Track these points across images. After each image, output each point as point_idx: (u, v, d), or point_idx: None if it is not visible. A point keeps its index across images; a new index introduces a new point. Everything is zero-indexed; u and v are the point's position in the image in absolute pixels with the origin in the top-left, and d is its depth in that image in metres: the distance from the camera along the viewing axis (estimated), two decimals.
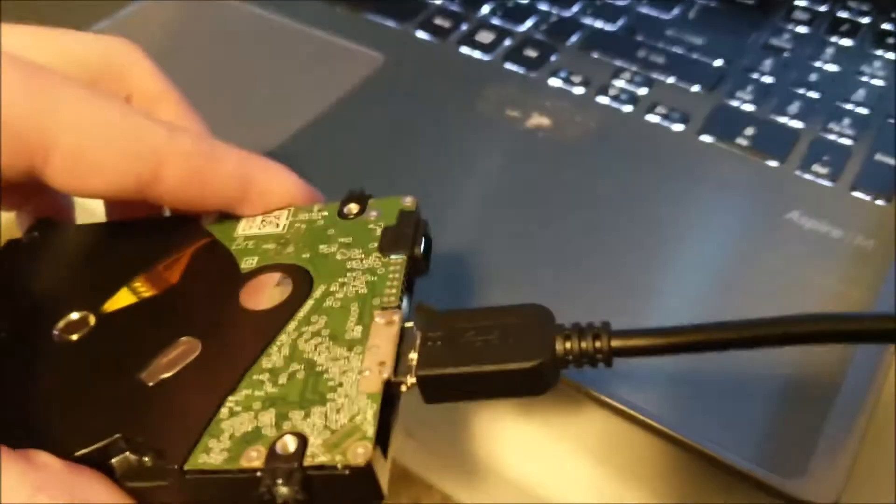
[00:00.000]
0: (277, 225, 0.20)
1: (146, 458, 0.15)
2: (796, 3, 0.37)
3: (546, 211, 0.27)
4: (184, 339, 0.17)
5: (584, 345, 0.16)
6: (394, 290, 0.17)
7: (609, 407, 0.22)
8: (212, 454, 0.15)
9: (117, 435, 0.15)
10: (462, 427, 0.24)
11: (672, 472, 0.22)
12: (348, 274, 0.18)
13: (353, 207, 0.19)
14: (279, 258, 0.19)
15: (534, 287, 0.25)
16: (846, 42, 0.35)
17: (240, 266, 0.19)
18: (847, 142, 0.30)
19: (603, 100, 0.32)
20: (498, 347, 0.16)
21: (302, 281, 0.18)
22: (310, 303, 0.17)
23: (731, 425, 0.22)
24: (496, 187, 0.28)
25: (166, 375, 0.16)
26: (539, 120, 0.31)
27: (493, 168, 0.29)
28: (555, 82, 0.32)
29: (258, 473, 0.14)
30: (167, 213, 0.21)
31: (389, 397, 0.16)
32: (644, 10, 0.37)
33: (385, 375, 0.16)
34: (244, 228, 0.20)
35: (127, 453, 0.15)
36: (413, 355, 0.16)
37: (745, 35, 0.35)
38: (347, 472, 0.14)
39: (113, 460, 0.15)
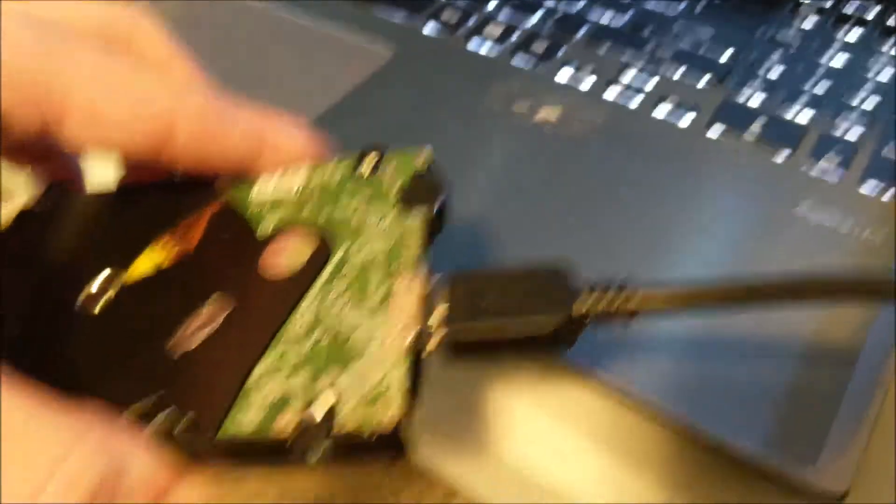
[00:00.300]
0: (293, 185, 0.19)
1: (178, 428, 0.15)
2: None
3: (553, 206, 0.27)
4: (206, 308, 0.17)
5: (605, 303, 0.16)
6: (414, 251, 0.17)
7: (619, 397, 0.22)
8: (244, 422, 0.15)
9: (153, 397, 0.16)
10: (469, 414, 0.24)
11: (682, 461, 0.22)
12: (366, 236, 0.18)
13: (368, 165, 0.19)
14: (296, 220, 0.19)
15: None
16: (853, 36, 0.35)
17: (257, 230, 0.19)
18: (854, 136, 0.30)
19: (610, 94, 0.32)
20: (519, 306, 0.16)
21: (321, 244, 0.18)
22: (330, 267, 0.17)
23: (742, 415, 0.22)
24: (504, 182, 0.29)
25: (192, 345, 0.17)
26: (547, 114, 0.31)
27: (501, 163, 0.29)
28: (562, 77, 0.32)
29: (288, 443, 0.15)
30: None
31: (414, 358, 0.16)
32: (651, 4, 0.37)
33: (409, 337, 0.16)
34: (260, 189, 0.19)
35: (162, 415, 0.16)
36: (436, 316, 0.16)
37: (752, 29, 0.35)
38: (374, 438, 0.15)
39: (149, 423, 0.16)
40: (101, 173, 0.22)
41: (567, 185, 0.28)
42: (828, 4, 0.36)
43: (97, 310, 0.18)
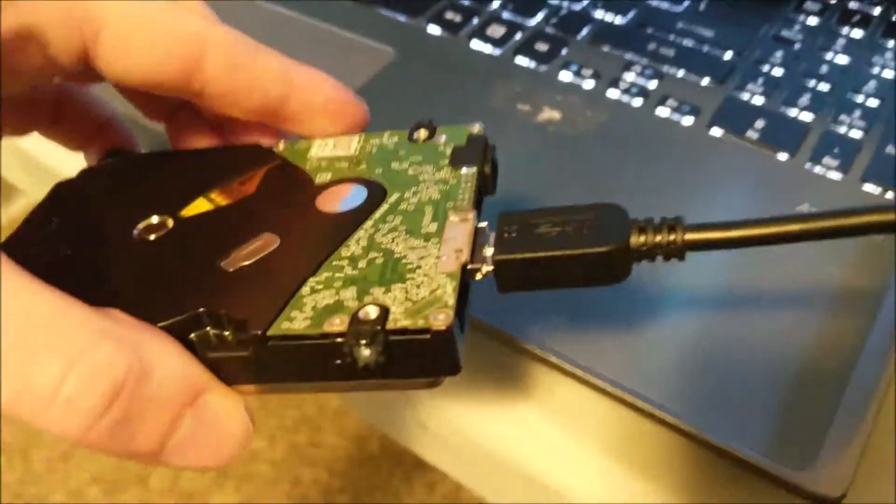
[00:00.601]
0: (349, 147, 0.20)
1: (227, 332, 0.16)
2: None
3: (555, 202, 0.28)
4: (263, 235, 0.17)
5: (659, 237, 0.17)
6: (467, 195, 0.18)
7: (620, 399, 0.23)
8: (295, 322, 0.15)
9: (201, 309, 0.16)
10: (475, 418, 0.25)
11: (681, 462, 0.23)
12: (421, 185, 0.18)
13: (423, 133, 0.20)
14: (353, 174, 0.19)
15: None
16: (857, 33, 0.35)
17: (315, 180, 0.19)
18: (857, 134, 0.30)
19: (613, 93, 0.32)
20: (573, 235, 0.17)
21: (376, 190, 0.18)
22: (385, 206, 0.18)
23: (740, 417, 0.22)
24: (508, 181, 0.29)
25: (246, 263, 0.17)
26: (550, 114, 0.31)
27: (505, 162, 0.29)
28: (565, 76, 0.33)
29: (339, 339, 0.15)
30: None
31: (465, 285, 0.16)
32: (654, 2, 0.37)
33: (463, 259, 0.16)
34: (316, 152, 0.20)
35: (208, 327, 0.16)
36: (489, 249, 0.17)
37: (755, 27, 0.35)
38: (428, 336, 0.15)
39: (193, 335, 0.16)
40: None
41: (570, 183, 0.28)
42: (832, 1, 0.36)
43: (153, 237, 0.18)
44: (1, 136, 0.21)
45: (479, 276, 0.16)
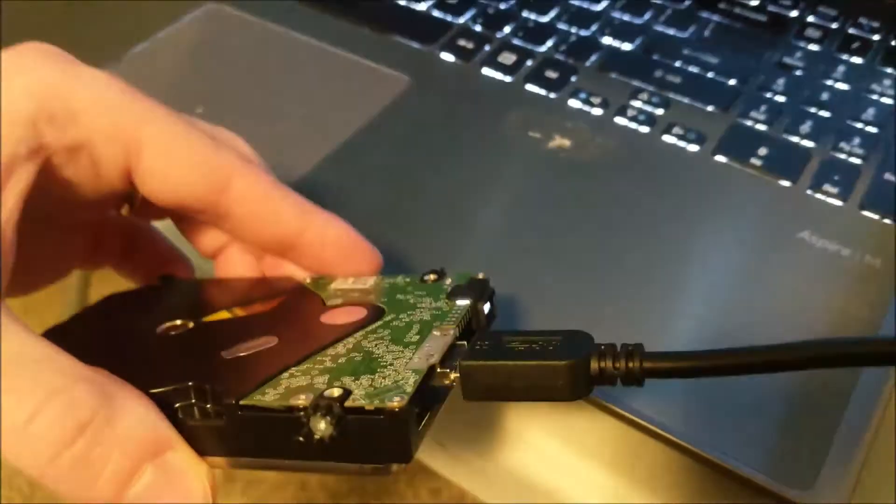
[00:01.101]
0: (366, 283, 0.22)
1: (208, 404, 0.17)
2: (809, 20, 0.38)
3: (566, 230, 0.29)
4: (265, 336, 0.19)
5: (618, 364, 0.18)
6: (454, 319, 0.19)
7: (624, 418, 0.24)
8: (266, 396, 0.17)
9: (189, 383, 0.17)
10: (489, 436, 0.26)
11: (684, 481, 0.24)
12: (416, 309, 0.20)
13: (432, 276, 0.22)
14: (361, 301, 0.21)
15: (553, 302, 0.26)
16: (857, 59, 0.36)
17: (327, 302, 0.21)
18: (856, 161, 0.31)
19: (621, 121, 0.33)
20: (538, 351, 0.18)
21: (376, 311, 0.20)
22: (379, 322, 0.20)
23: (743, 436, 0.23)
24: (519, 208, 0.30)
25: (242, 354, 0.19)
26: (560, 141, 0.32)
27: (517, 189, 0.31)
28: (575, 103, 0.34)
29: (301, 412, 0.16)
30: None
31: (434, 389, 0.17)
32: (660, 28, 0.38)
33: (432, 361, 0.17)
34: (336, 285, 0.22)
35: (192, 399, 0.17)
36: (461, 354, 0.18)
37: (759, 53, 0.36)
38: (381, 416, 0.16)
39: (177, 403, 0.17)
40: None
41: (580, 209, 0.30)
42: (833, 26, 0.38)
43: (172, 333, 0.21)
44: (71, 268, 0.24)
45: (447, 381, 0.18)
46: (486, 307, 0.20)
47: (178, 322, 0.21)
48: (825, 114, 0.33)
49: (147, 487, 0.16)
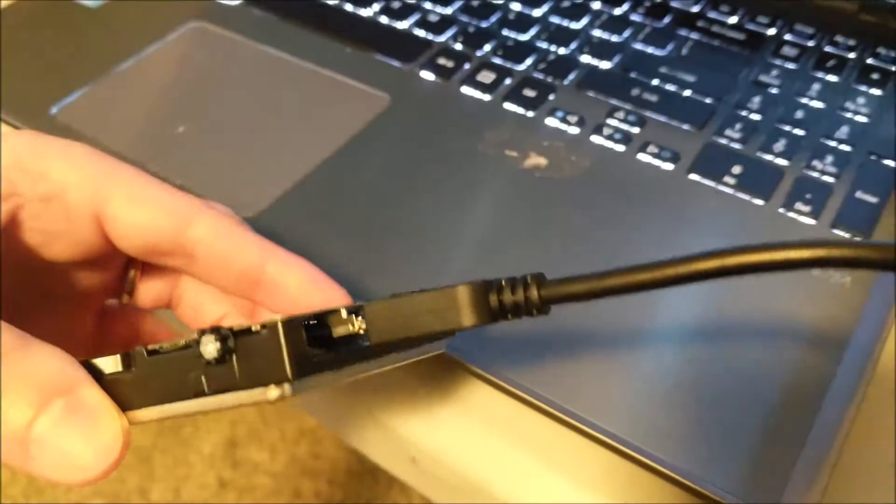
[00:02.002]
0: None
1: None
2: (786, 38, 0.39)
3: (541, 249, 0.29)
4: None
5: (516, 293, 0.18)
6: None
7: (590, 433, 0.24)
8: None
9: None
10: (461, 455, 0.26)
11: (643, 493, 0.24)
12: None
13: None
14: None
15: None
16: (832, 77, 0.36)
17: None
18: (829, 179, 0.32)
19: (597, 139, 0.33)
20: (437, 287, 0.19)
21: None
22: None
23: (710, 453, 0.23)
24: (495, 227, 0.30)
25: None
26: (536, 160, 0.32)
27: (493, 208, 0.31)
28: (552, 122, 0.34)
29: (195, 335, 0.17)
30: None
31: (347, 343, 0.19)
32: (639, 46, 0.38)
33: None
34: None
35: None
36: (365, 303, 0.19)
37: (735, 71, 0.37)
38: (264, 330, 0.17)
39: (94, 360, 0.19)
40: None
41: (555, 228, 0.30)
42: (809, 44, 0.38)
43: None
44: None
45: (352, 327, 0.19)
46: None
47: None
48: (799, 132, 0.34)
49: (55, 422, 0.17)
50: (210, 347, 0.17)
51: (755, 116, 0.34)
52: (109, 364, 0.18)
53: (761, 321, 0.27)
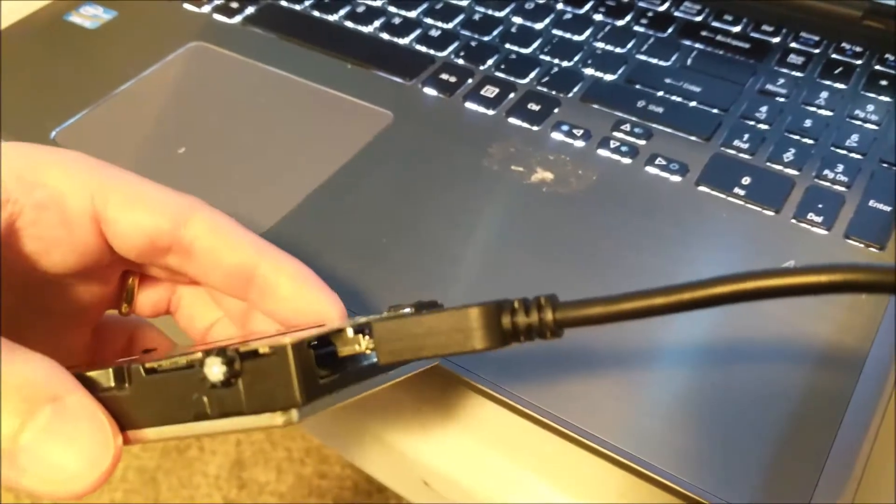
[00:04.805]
0: None
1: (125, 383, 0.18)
2: (791, 45, 0.38)
3: (550, 264, 0.29)
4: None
5: (530, 316, 0.18)
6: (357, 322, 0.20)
7: (602, 451, 0.23)
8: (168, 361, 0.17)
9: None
10: (471, 475, 0.25)
11: None
12: None
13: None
14: None
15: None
16: (840, 85, 0.36)
17: None
18: (841, 188, 0.31)
19: (604, 152, 0.33)
20: (448, 308, 0.18)
21: None
22: None
23: (728, 472, 0.23)
24: (502, 242, 0.30)
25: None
26: (543, 175, 0.32)
27: (500, 224, 0.30)
28: (557, 136, 0.34)
29: (199, 355, 0.17)
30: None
31: (353, 363, 0.19)
32: (643, 57, 0.38)
33: (322, 331, 0.18)
34: None
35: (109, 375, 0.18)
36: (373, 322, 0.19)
37: (741, 81, 0.36)
38: (273, 354, 0.16)
39: (90, 373, 0.18)
40: None
41: (563, 243, 0.29)
42: (815, 51, 0.38)
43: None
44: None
45: (358, 347, 0.18)
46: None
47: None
48: (808, 141, 0.33)
49: (42, 430, 0.17)
50: (216, 370, 0.16)
51: (763, 126, 0.34)
52: (102, 378, 0.18)
53: (777, 335, 0.26)
